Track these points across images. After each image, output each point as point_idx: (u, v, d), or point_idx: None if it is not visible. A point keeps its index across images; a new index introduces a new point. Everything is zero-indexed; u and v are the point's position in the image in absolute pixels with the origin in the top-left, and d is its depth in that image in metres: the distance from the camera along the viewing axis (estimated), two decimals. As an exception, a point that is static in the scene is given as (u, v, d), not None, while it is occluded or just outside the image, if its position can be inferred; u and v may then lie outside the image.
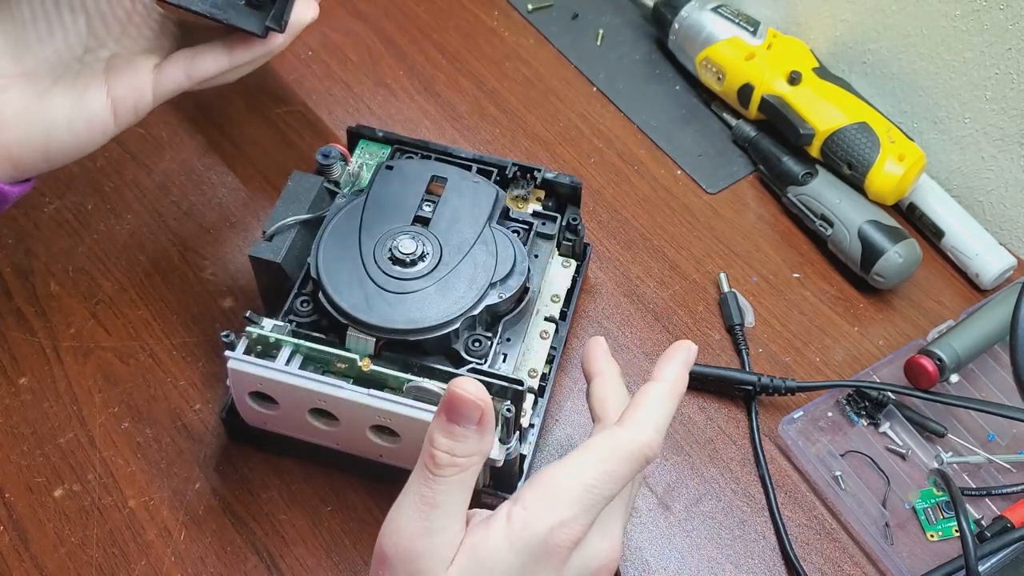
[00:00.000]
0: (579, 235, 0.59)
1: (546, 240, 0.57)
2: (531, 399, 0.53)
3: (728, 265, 0.67)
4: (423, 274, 0.50)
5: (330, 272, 0.50)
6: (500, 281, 0.51)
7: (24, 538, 0.52)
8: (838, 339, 0.64)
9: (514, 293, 0.51)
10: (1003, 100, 0.64)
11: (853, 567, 0.54)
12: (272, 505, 0.54)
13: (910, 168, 0.65)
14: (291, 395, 0.47)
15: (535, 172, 0.58)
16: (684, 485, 0.57)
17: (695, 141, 0.74)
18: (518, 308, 0.52)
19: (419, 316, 0.49)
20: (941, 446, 0.58)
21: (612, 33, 0.80)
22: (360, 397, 0.46)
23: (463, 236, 0.52)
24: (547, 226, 0.57)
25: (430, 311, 0.49)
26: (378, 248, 0.51)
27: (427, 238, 0.52)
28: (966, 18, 0.64)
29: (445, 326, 0.49)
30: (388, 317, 0.48)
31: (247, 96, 0.73)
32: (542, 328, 0.56)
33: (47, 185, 0.67)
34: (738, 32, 0.72)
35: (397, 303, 0.49)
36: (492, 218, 0.53)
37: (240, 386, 0.48)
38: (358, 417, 0.47)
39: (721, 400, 0.60)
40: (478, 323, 0.50)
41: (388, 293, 0.49)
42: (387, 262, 0.51)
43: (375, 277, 0.50)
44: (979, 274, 0.66)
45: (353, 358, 0.47)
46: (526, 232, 0.56)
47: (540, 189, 0.60)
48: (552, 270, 0.59)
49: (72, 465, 0.55)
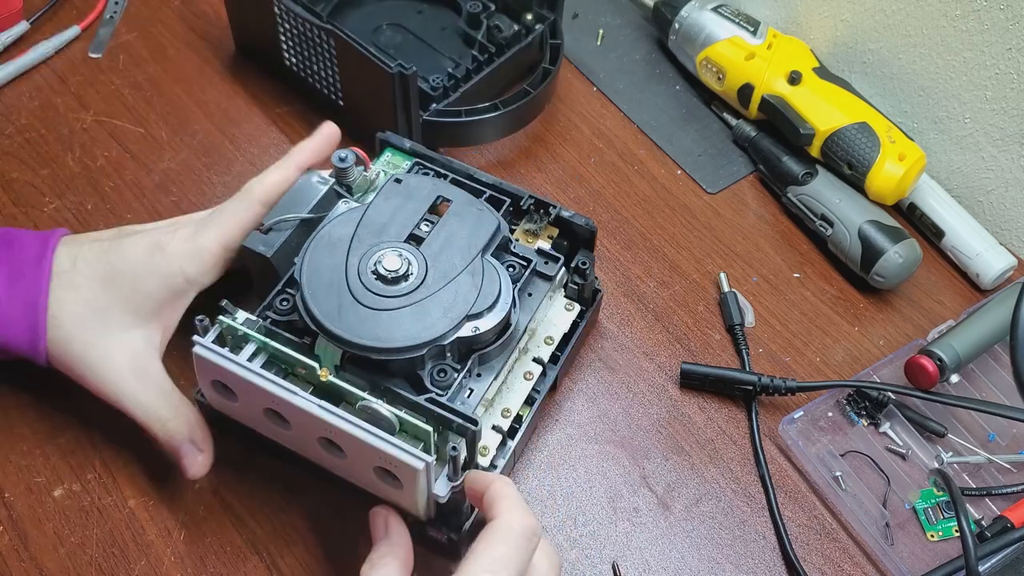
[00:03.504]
0: (587, 280, 0.57)
1: (544, 280, 0.55)
2: (497, 439, 0.51)
3: (728, 265, 0.67)
4: (402, 294, 0.49)
5: (312, 275, 0.49)
6: (478, 315, 0.49)
7: (24, 538, 0.52)
8: (838, 339, 0.64)
9: (489, 329, 0.49)
10: (1003, 100, 0.64)
11: (853, 567, 0.54)
12: (272, 505, 0.54)
13: (910, 168, 0.65)
14: (248, 391, 0.47)
15: (550, 208, 0.56)
16: (684, 485, 0.57)
17: (695, 141, 0.74)
18: (494, 345, 0.50)
19: (386, 335, 0.47)
20: (941, 446, 0.58)
21: (612, 33, 0.80)
22: (310, 407, 0.44)
23: (452, 262, 0.50)
24: (548, 266, 0.55)
25: (399, 332, 0.47)
26: (364, 260, 0.49)
27: (414, 258, 0.50)
28: (966, 18, 0.64)
29: (410, 350, 0.47)
30: (356, 331, 0.47)
31: (247, 96, 0.73)
32: (527, 368, 0.54)
33: (47, 185, 0.67)
34: (738, 32, 0.72)
35: (369, 319, 0.47)
36: (488, 249, 0.51)
37: (203, 373, 0.48)
38: (308, 426, 0.46)
39: (721, 400, 0.60)
40: (449, 353, 0.48)
41: (362, 307, 0.48)
42: (369, 276, 0.49)
43: (354, 289, 0.48)
44: (979, 274, 0.66)
45: (313, 366, 0.46)
46: (523, 268, 0.53)
47: (554, 227, 0.57)
48: (553, 311, 0.57)
49: (72, 465, 0.55)
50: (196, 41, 0.76)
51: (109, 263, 0.52)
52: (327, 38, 0.65)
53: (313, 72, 0.70)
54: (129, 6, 0.78)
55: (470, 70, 0.70)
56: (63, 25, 0.76)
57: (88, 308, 0.51)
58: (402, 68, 0.62)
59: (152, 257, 0.52)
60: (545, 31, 0.73)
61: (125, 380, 0.51)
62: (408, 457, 0.43)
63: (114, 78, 0.73)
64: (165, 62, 0.75)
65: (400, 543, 0.46)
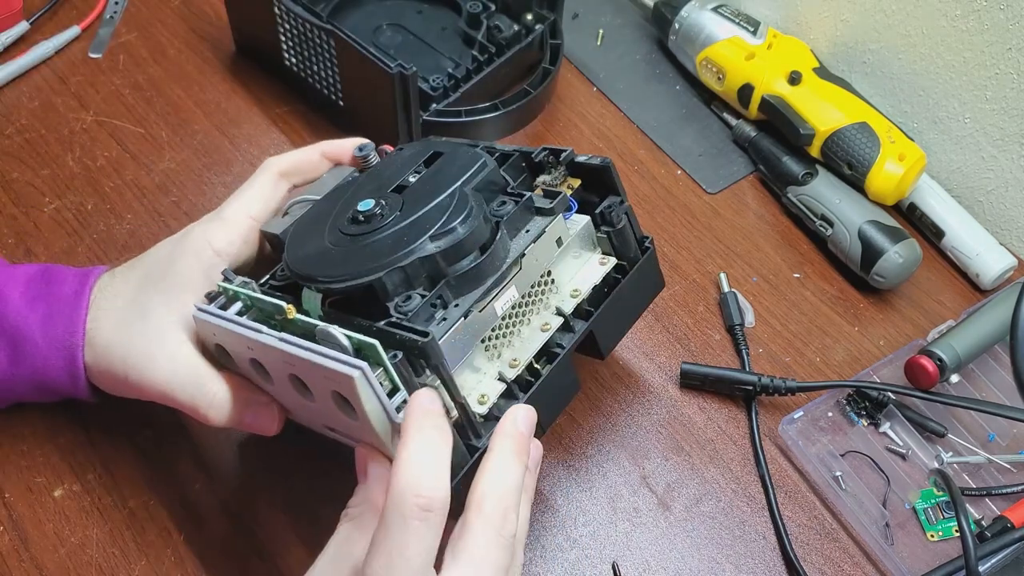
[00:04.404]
0: (615, 225, 0.51)
1: (543, 216, 0.50)
2: (500, 388, 0.46)
3: (728, 265, 0.67)
4: (372, 230, 0.47)
5: (296, 235, 0.50)
6: (441, 235, 0.45)
7: (24, 538, 0.52)
8: (838, 339, 0.64)
9: (452, 247, 0.45)
10: (1003, 100, 0.64)
11: (853, 567, 0.54)
12: (272, 505, 0.54)
13: (910, 168, 0.65)
14: (235, 345, 0.47)
15: (561, 154, 0.52)
16: (684, 485, 0.57)
17: (695, 141, 0.74)
18: (464, 269, 0.46)
19: (352, 269, 0.45)
20: (941, 446, 0.58)
21: (612, 33, 0.80)
22: (270, 340, 0.44)
23: (428, 200, 0.48)
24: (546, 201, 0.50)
25: (364, 264, 0.45)
26: (343, 211, 0.50)
27: (391, 201, 0.49)
28: (966, 18, 0.64)
29: (367, 273, 0.44)
30: (326, 271, 0.46)
31: (247, 96, 0.73)
32: (545, 320, 0.49)
33: (47, 185, 0.67)
34: (738, 32, 0.72)
35: (341, 259, 0.47)
36: (468, 183, 0.48)
37: (205, 335, 0.49)
38: (278, 367, 0.45)
39: (721, 400, 0.60)
40: (417, 282, 0.45)
41: (335, 249, 0.48)
42: (346, 223, 0.49)
43: (331, 238, 0.49)
44: (979, 274, 0.66)
45: (280, 305, 0.45)
46: (515, 204, 0.48)
47: (574, 178, 0.52)
48: (587, 267, 0.52)
49: (72, 465, 0.55)
50: (196, 41, 0.76)
51: (142, 263, 0.52)
52: (327, 38, 0.65)
53: (313, 72, 0.70)
54: (129, 6, 0.78)
55: (470, 70, 0.70)
56: (63, 25, 0.76)
57: (125, 310, 0.50)
58: (402, 68, 0.62)
59: (180, 241, 0.52)
60: (545, 31, 0.73)
61: (165, 367, 0.49)
62: (343, 367, 0.41)
63: (114, 78, 0.73)
64: (165, 62, 0.75)
65: (377, 487, 0.43)
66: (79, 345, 0.50)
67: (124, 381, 0.49)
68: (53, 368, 0.50)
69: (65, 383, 0.51)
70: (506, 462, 0.42)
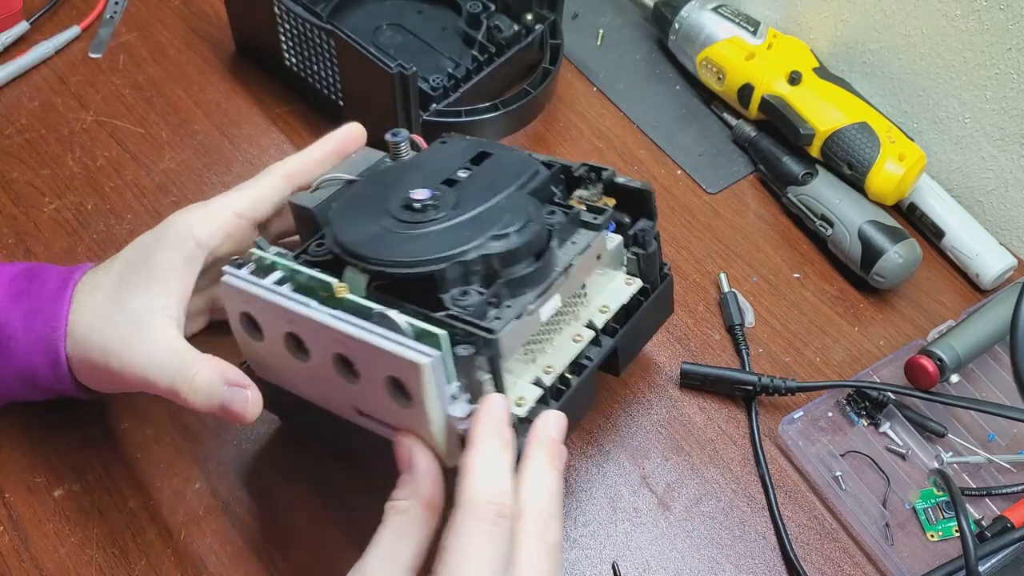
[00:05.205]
0: (647, 249, 0.53)
1: (591, 230, 0.51)
2: (537, 393, 0.47)
3: (728, 265, 0.67)
4: (428, 220, 0.47)
5: (343, 212, 0.49)
6: (503, 235, 0.46)
7: (24, 538, 0.52)
8: (838, 339, 0.64)
9: (514, 249, 0.46)
10: (1003, 100, 0.64)
11: (853, 567, 0.54)
12: (272, 505, 0.54)
13: (910, 168, 0.65)
14: (270, 317, 0.45)
15: (602, 172, 0.53)
16: (684, 485, 0.57)
17: (695, 141, 0.74)
18: (520, 273, 0.46)
19: (409, 256, 0.45)
20: (941, 446, 0.58)
21: (612, 33, 0.80)
22: (322, 317, 0.43)
23: (484, 196, 0.49)
24: (593, 216, 0.51)
25: (422, 252, 0.45)
26: (395, 197, 0.49)
27: (445, 193, 0.49)
28: (966, 18, 0.64)
29: (430, 263, 0.45)
30: (380, 253, 0.46)
31: (247, 96, 0.73)
32: (577, 331, 0.50)
33: (47, 185, 0.67)
34: (738, 32, 0.72)
35: (394, 243, 0.46)
36: (524, 187, 0.50)
37: (232, 305, 0.47)
38: (323, 344, 0.44)
39: (721, 400, 0.60)
40: (473, 278, 0.46)
41: (389, 233, 0.47)
42: (399, 209, 0.48)
43: (383, 221, 0.48)
44: (979, 274, 0.66)
45: (330, 282, 0.44)
46: (564, 215, 0.49)
47: (609, 197, 0.53)
48: (613, 284, 0.53)
49: (72, 465, 0.55)
50: (196, 41, 0.76)
51: (124, 255, 0.52)
52: (327, 38, 0.65)
53: (313, 72, 0.70)
54: (129, 6, 0.78)
55: (470, 70, 0.70)
56: (63, 25, 0.76)
57: (106, 301, 0.50)
58: (402, 68, 0.62)
59: (163, 228, 0.51)
60: (545, 31, 0.73)
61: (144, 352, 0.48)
62: (411, 353, 0.40)
63: (114, 78, 0.73)
64: (165, 62, 0.75)
65: (426, 480, 0.42)
66: (61, 338, 0.49)
67: (105, 369, 0.49)
68: (36, 363, 0.50)
69: (48, 377, 0.50)
70: (544, 470, 0.41)
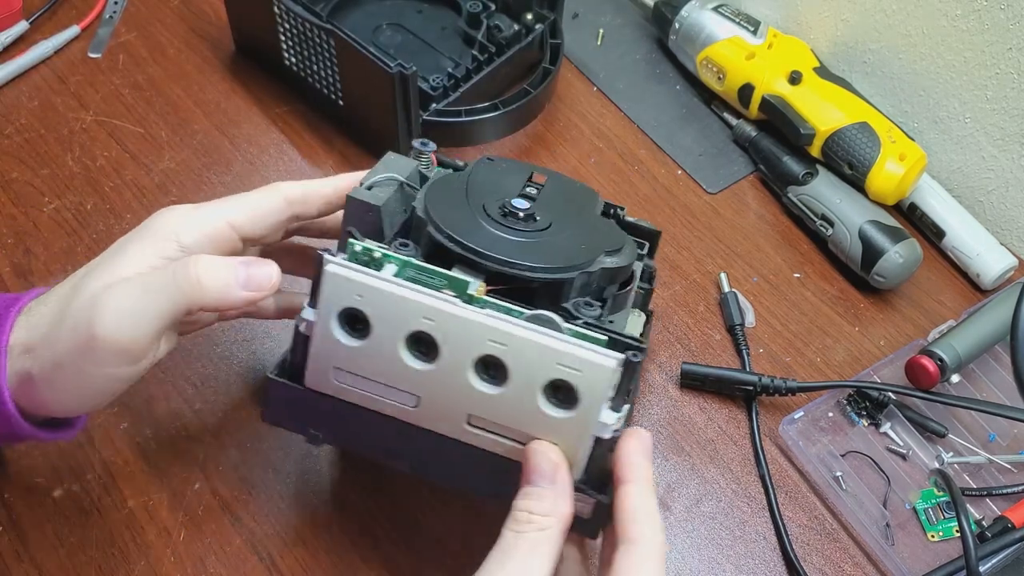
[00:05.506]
0: (652, 285, 0.56)
1: None
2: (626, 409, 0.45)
3: (728, 265, 0.67)
4: (535, 229, 0.47)
5: (438, 211, 0.46)
6: (616, 251, 0.47)
7: (24, 538, 0.52)
8: (839, 339, 0.64)
9: (624, 266, 0.47)
10: (1004, 100, 0.64)
11: (854, 567, 0.54)
12: (272, 505, 0.54)
13: (911, 168, 0.65)
14: (393, 312, 0.41)
15: (615, 211, 0.55)
16: (684, 485, 0.57)
17: (695, 141, 0.74)
18: (623, 289, 0.48)
19: (538, 262, 0.44)
20: (942, 446, 0.58)
21: (612, 33, 0.80)
22: (474, 315, 0.40)
23: (575, 215, 0.50)
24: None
25: (544, 259, 0.44)
26: (488, 203, 0.48)
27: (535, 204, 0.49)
28: (966, 18, 0.64)
29: (564, 270, 0.44)
30: (507, 255, 0.44)
31: (247, 96, 0.73)
32: None
33: (47, 185, 0.67)
34: (738, 32, 0.72)
35: (511, 247, 0.45)
36: (599, 208, 0.52)
37: (335, 298, 0.41)
38: (466, 344, 0.40)
39: (721, 400, 0.60)
40: (586, 289, 0.46)
41: (502, 236, 0.45)
42: (498, 213, 0.47)
43: (489, 223, 0.46)
44: (980, 274, 0.66)
45: (466, 281, 0.42)
46: None
47: None
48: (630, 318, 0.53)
49: (72, 465, 0.55)
50: (196, 41, 0.76)
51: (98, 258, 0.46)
52: (327, 38, 0.65)
53: (313, 72, 0.70)
54: (129, 6, 0.78)
55: (470, 70, 0.70)
56: (63, 25, 0.76)
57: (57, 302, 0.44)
58: (402, 68, 0.62)
59: (144, 227, 0.46)
60: (545, 31, 0.73)
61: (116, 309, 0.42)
62: (597, 356, 0.39)
63: (114, 78, 0.73)
64: (165, 62, 0.75)
65: (567, 497, 0.40)
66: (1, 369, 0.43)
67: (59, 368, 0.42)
68: None
69: None
70: (646, 493, 0.41)
